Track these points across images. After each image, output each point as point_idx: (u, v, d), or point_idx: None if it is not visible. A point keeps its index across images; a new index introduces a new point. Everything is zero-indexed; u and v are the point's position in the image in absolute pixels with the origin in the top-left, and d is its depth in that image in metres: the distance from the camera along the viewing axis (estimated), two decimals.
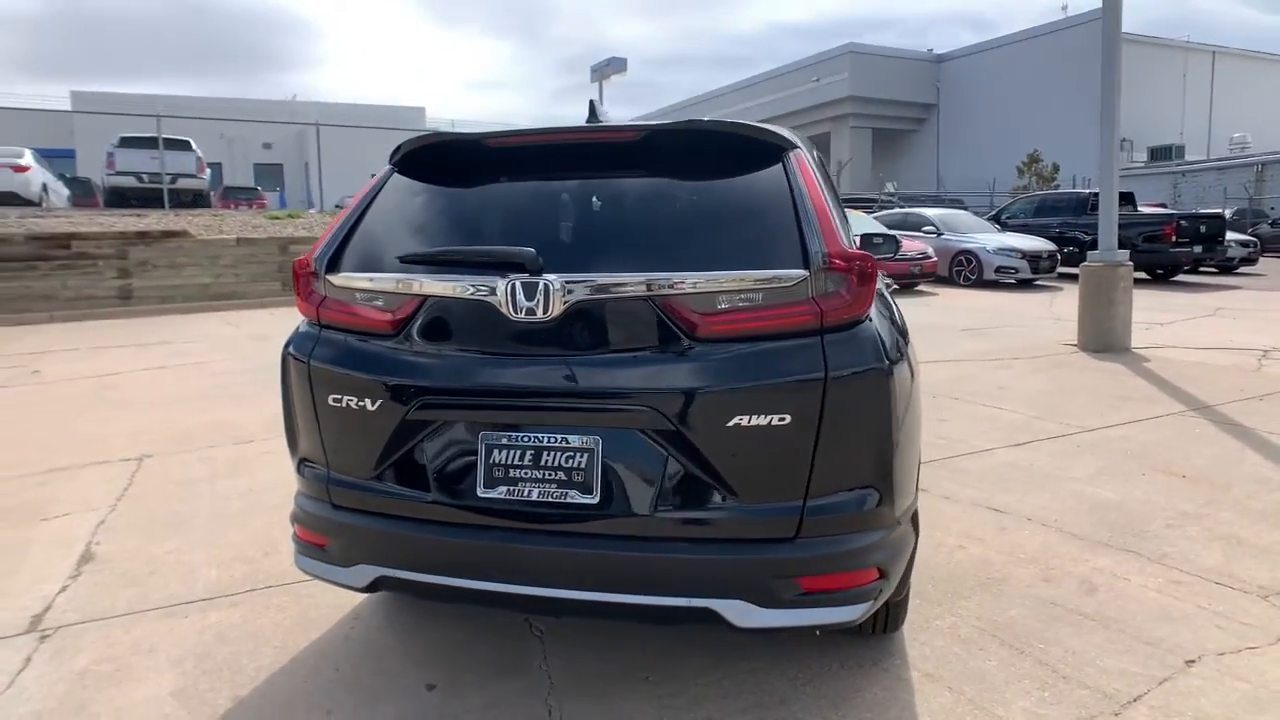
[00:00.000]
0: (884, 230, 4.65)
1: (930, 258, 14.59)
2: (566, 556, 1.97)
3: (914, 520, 2.27)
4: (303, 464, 2.29)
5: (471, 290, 1.99)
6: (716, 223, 2.04)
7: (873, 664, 2.52)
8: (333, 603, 2.88)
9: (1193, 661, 2.53)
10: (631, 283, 1.92)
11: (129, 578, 3.13)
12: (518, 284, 1.94)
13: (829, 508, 1.96)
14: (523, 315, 1.95)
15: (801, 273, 1.92)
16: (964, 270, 15.63)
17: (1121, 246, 8.43)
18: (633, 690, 2.38)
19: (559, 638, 2.67)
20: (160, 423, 5.63)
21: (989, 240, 15.65)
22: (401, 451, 2.09)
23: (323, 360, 2.17)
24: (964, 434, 5.16)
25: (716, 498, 1.94)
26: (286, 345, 2.27)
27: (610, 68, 30.54)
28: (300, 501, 2.28)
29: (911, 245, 14.74)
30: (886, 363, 1.98)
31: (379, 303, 2.11)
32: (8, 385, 7.10)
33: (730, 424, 1.89)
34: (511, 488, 2.00)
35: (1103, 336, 8.17)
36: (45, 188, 16.43)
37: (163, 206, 15.50)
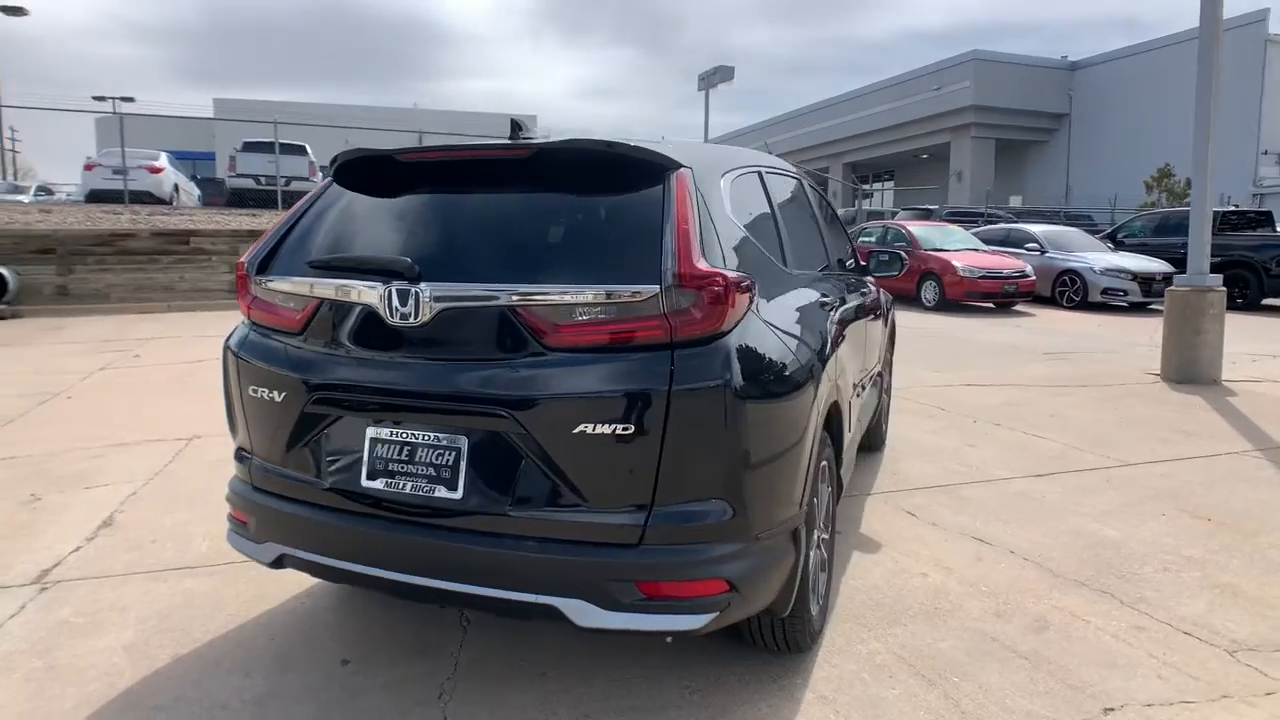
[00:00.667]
0: (891, 249, 4.57)
1: (1027, 276, 13.92)
2: (432, 548, 2.11)
3: (794, 537, 2.28)
4: (239, 449, 2.53)
5: (357, 294, 2.17)
6: (587, 238, 2.13)
7: (771, 680, 2.53)
8: (293, 580, 3.11)
9: (1112, 710, 2.42)
10: (494, 293, 2.05)
11: (133, 544, 3.49)
12: (394, 290, 2.10)
13: (674, 517, 2.01)
14: (398, 320, 2.11)
15: (653, 288, 1.98)
16: (1067, 291, 14.82)
17: (1251, 270, 7.80)
18: (527, 684, 2.49)
19: (484, 630, 2.81)
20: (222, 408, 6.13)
21: (1096, 260, 14.77)
22: (303, 440, 2.29)
23: (248, 355, 2.40)
24: (985, 461, 4.97)
25: (565, 501, 2.03)
26: (226, 340, 2.51)
27: (717, 76, 30.61)
28: (232, 483, 2.51)
29: (1007, 263, 14.11)
30: (738, 379, 2.02)
31: (290, 304, 2.32)
32: (109, 367, 7.90)
33: (578, 431, 1.98)
34: (390, 480, 2.16)
35: (1187, 367, 7.62)
36: (176, 188, 18.07)
37: (277, 207, 16.70)
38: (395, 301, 2.10)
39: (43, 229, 12.71)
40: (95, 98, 32.41)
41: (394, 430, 2.16)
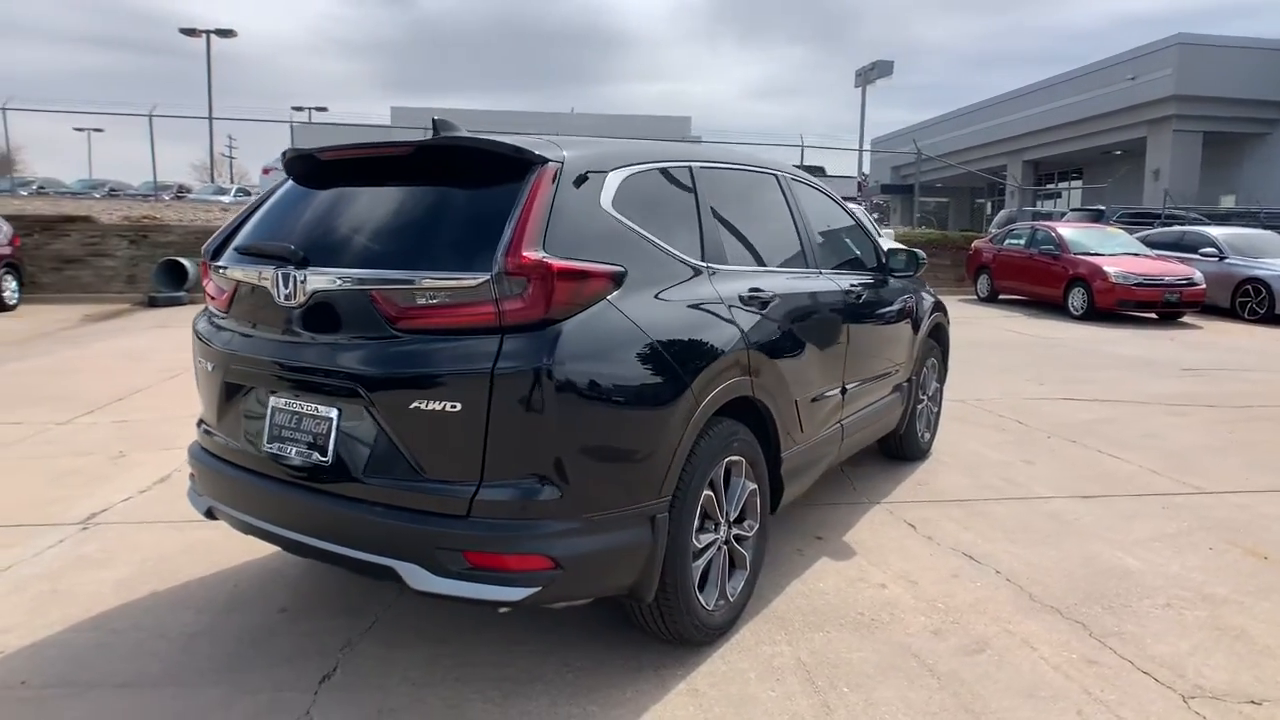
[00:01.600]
0: (909, 249, 4.34)
1: (1194, 285, 12.49)
2: (308, 508, 2.33)
3: (652, 524, 2.31)
4: (199, 416, 2.88)
5: (258, 278, 2.42)
6: (447, 228, 2.26)
7: (652, 669, 2.56)
8: None
9: None
10: (353, 279, 2.23)
11: (172, 498, 3.99)
12: (280, 275, 2.34)
13: (500, 492, 2.11)
14: (284, 301, 2.34)
15: (484, 276, 2.09)
16: (1250, 302, 13.16)
17: None
18: (423, 647, 2.67)
19: (414, 600, 2.97)
20: None
21: None
22: (228, 407, 2.58)
23: (198, 332, 2.73)
24: (1034, 478, 4.63)
25: (406, 472, 2.18)
26: (193, 320, 2.87)
27: (875, 72, 29.65)
28: (191, 444, 2.86)
29: (1171, 269, 12.75)
30: (561, 365, 2.09)
31: (222, 286, 2.62)
32: None
33: (415, 407, 2.12)
34: (283, 445, 2.40)
35: None
36: None
37: None
38: (281, 285, 2.33)
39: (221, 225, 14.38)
40: (294, 108, 36.03)
41: (288, 401, 2.40)
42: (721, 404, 2.59)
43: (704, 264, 2.74)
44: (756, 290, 2.90)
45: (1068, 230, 14.53)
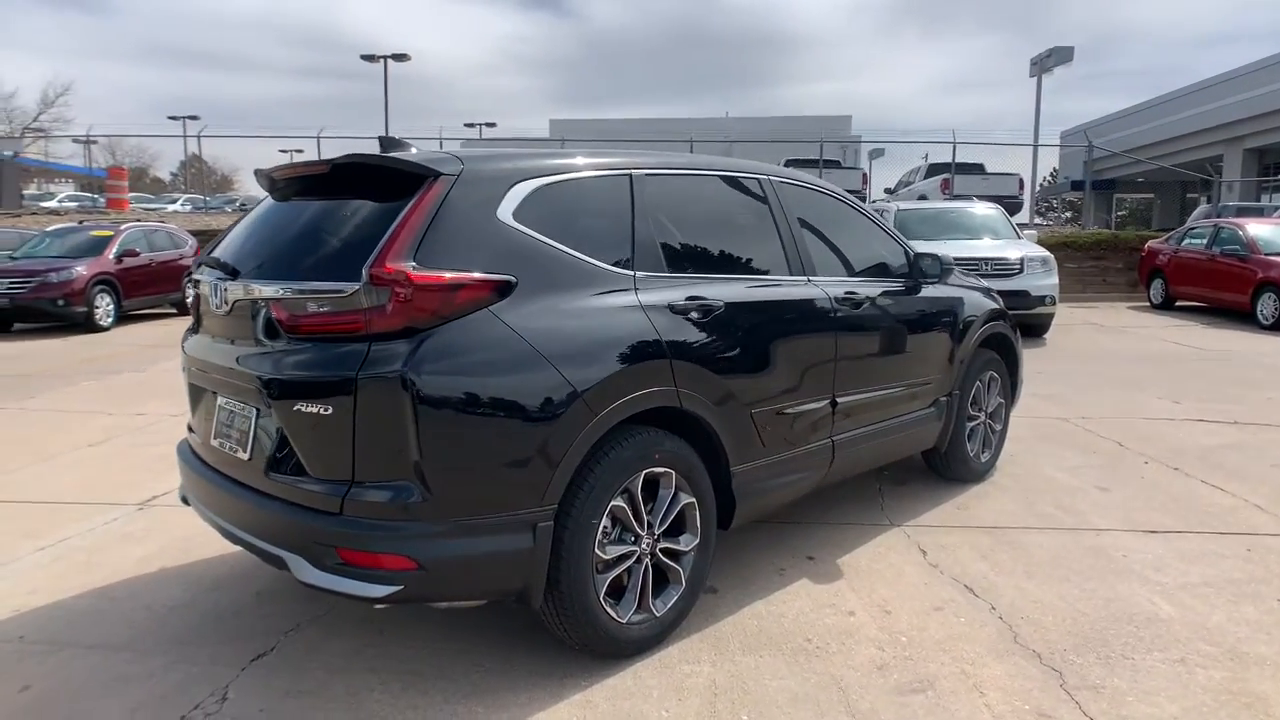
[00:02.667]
0: (937, 254, 4.00)
1: None
2: (233, 499, 2.53)
3: (534, 531, 2.32)
4: None
5: (205, 288, 2.66)
6: (343, 241, 2.37)
7: (555, 679, 2.56)
8: None
9: None
10: (256, 289, 2.40)
11: None
12: (212, 284, 2.56)
13: (369, 494, 2.20)
14: (216, 309, 2.56)
15: (355, 286, 2.19)
16: None
17: None
18: (358, 637, 2.81)
19: None
20: None
21: None
22: (197, 406, 2.85)
23: (182, 338, 3.03)
24: (1098, 507, 4.16)
25: (296, 469, 2.32)
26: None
27: (1053, 60, 27.39)
28: (179, 441, 3.17)
29: None
30: (423, 373, 2.14)
31: (192, 294, 2.89)
32: None
33: (298, 409, 2.26)
34: (223, 441, 2.62)
35: None
36: None
37: None
38: (213, 294, 2.56)
39: None
40: (466, 124, 38.32)
41: (227, 400, 2.62)
42: (632, 414, 2.55)
43: (631, 272, 2.70)
44: (697, 298, 2.82)
45: (1257, 227, 12.79)
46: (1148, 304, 14.74)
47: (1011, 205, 20.28)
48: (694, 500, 2.80)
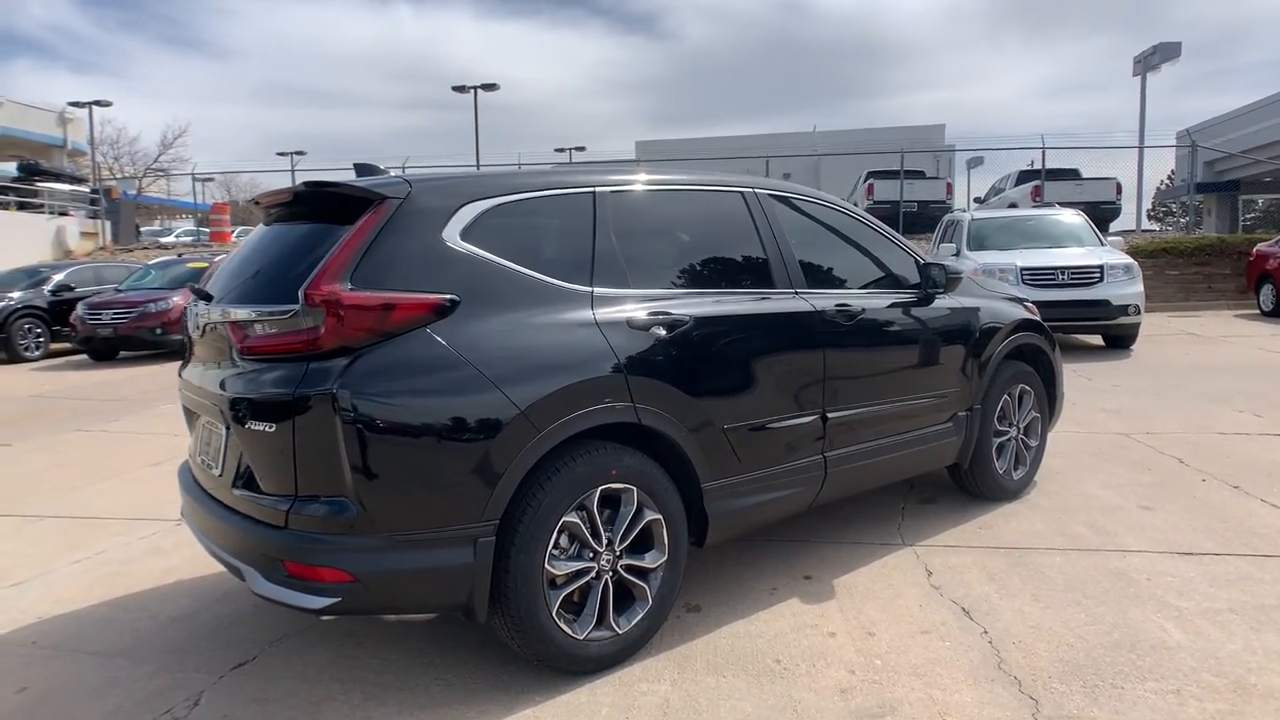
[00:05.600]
0: (944, 264, 3.83)
1: None
2: (208, 514, 2.67)
3: (475, 546, 2.35)
4: None
5: (192, 313, 2.84)
6: (294, 265, 2.48)
7: (514, 692, 2.58)
8: None
9: None
10: (219, 311, 2.55)
11: None
12: (191, 310, 2.72)
13: (310, 508, 2.29)
14: (194, 333, 2.72)
15: (294, 308, 2.30)
16: None
17: None
18: (335, 648, 2.91)
19: None
20: None
21: None
22: (190, 428, 3.03)
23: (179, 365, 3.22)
24: (1135, 528, 3.90)
25: (251, 484, 2.43)
26: None
27: (1158, 56, 26.04)
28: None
29: None
30: (355, 392, 2.22)
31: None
32: None
33: (248, 427, 2.38)
34: (204, 458, 2.78)
35: None
36: None
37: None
38: (191, 320, 2.72)
39: None
40: (556, 149, 39.20)
41: (206, 420, 2.78)
42: (582, 430, 2.56)
43: (589, 289, 2.72)
44: (661, 314, 2.82)
45: None
46: (1256, 311, 13.72)
47: (1108, 211, 19.27)
48: (660, 517, 2.78)
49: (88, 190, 23.11)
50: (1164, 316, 13.83)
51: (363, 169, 2.94)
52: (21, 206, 21.52)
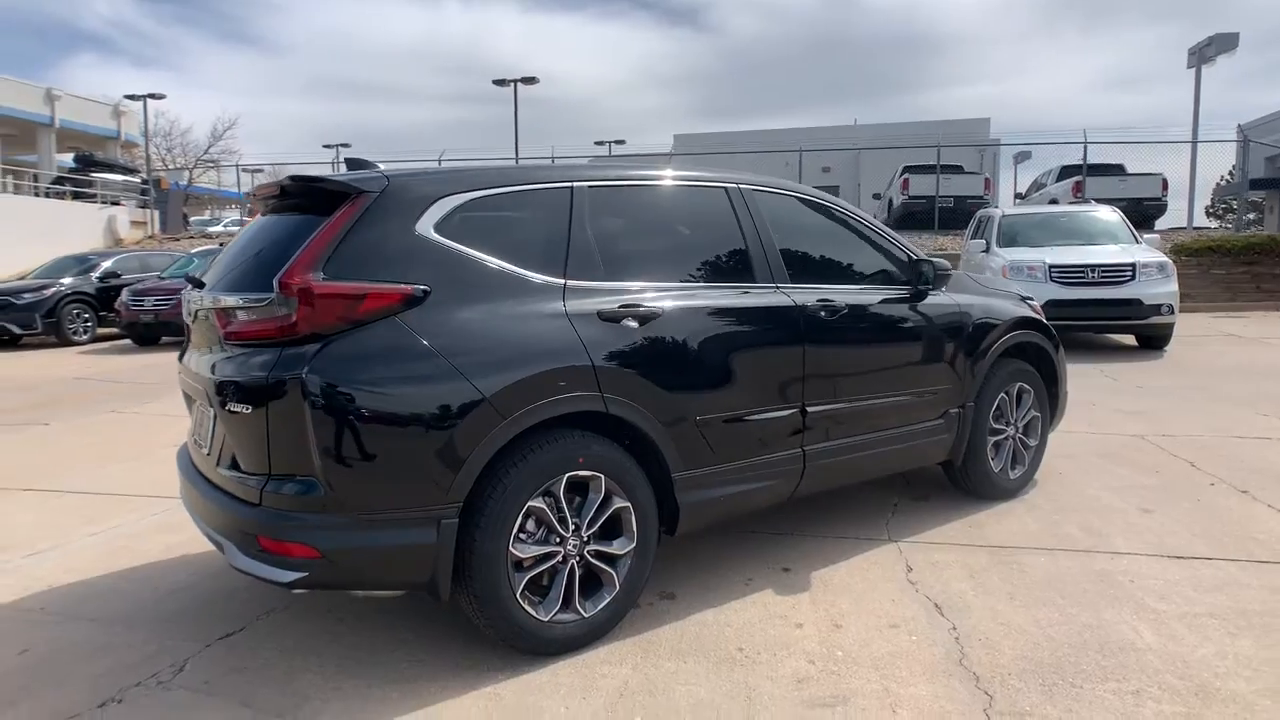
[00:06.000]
0: (933, 260, 3.81)
1: None
2: (198, 493, 2.80)
3: (438, 527, 2.44)
4: None
5: (187, 301, 2.97)
6: (274, 254, 2.58)
7: (478, 670, 2.67)
8: None
9: None
10: (208, 299, 2.67)
11: None
12: (186, 297, 2.85)
13: (281, 487, 2.40)
14: (190, 319, 2.86)
15: (269, 296, 2.41)
16: None
17: None
18: (319, 622, 3.03)
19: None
20: None
21: None
22: (189, 411, 3.17)
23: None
24: (1129, 530, 3.86)
25: (233, 463, 2.56)
26: None
27: (1213, 48, 25.11)
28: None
29: None
30: (323, 376, 2.32)
31: None
32: None
33: (230, 408, 2.50)
34: (198, 439, 2.92)
35: None
36: None
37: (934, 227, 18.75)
38: (185, 307, 2.85)
39: None
40: (596, 143, 39.31)
41: (200, 403, 2.91)
42: (549, 417, 2.63)
43: (563, 281, 2.79)
44: (632, 305, 2.88)
45: None
46: None
47: (1152, 208, 18.78)
48: (629, 505, 2.85)
49: (139, 181, 23.93)
50: (1206, 318, 13.44)
51: (354, 163, 3.04)
52: (76, 196, 22.34)
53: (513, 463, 2.58)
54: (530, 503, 2.62)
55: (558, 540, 2.72)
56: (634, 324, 2.86)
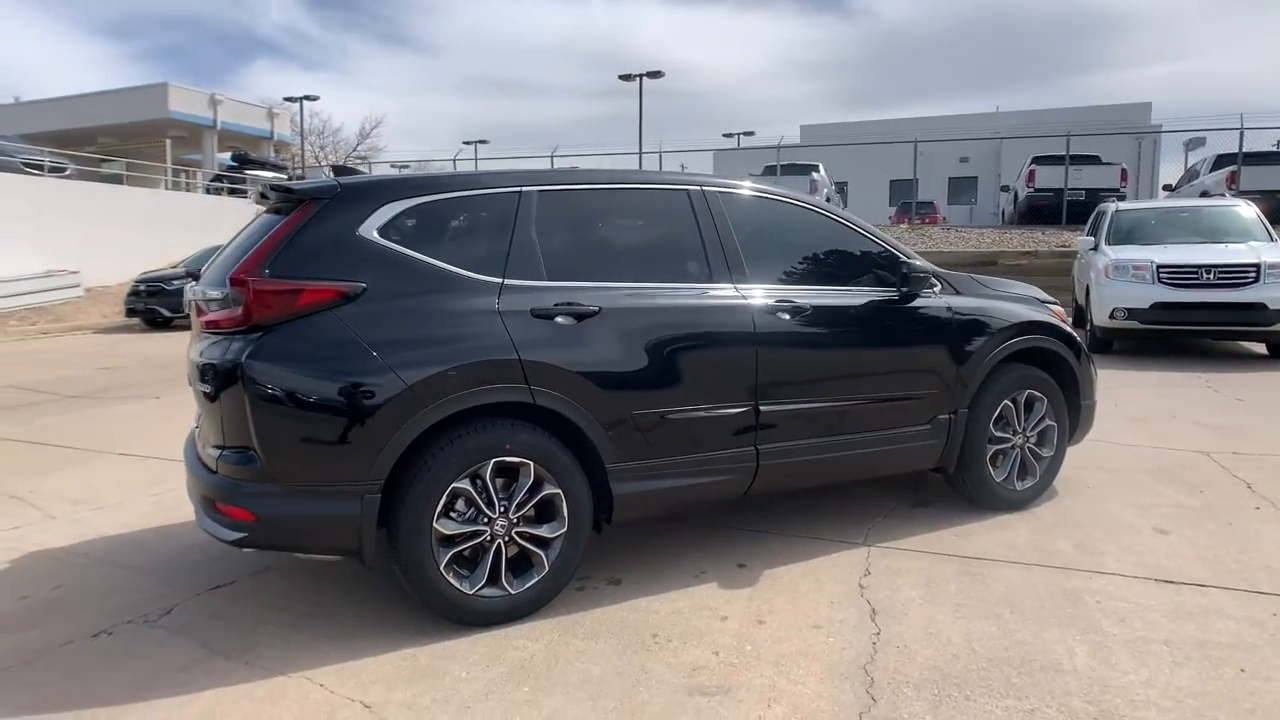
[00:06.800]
0: (915, 263, 3.68)
1: None
2: (188, 468, 3.19)
3: (361, 500, 2.71)
4: None
5: (187, 292, 3.38)
6: (243, 252, 2.91)
7: (409, 634, 2.92)
8: None
9: None
10: (193, 292, 3.05)
11: None
12: (189, 286, 3.26)
13: (228, 456, 2.74)
14: (189, 310, 3.26)
15: (225, 290, 2.75)
16: None
17: None
18: (299, 583, 3.39)
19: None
20: None
21: None
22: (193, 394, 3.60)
23: None
24: (1127, 551, 3.66)
25: (205, 435, 2.93)
26: None
27: None
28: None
29: None
30: (257, 361, 2.64)
31: None
32: None
33: (200, 388, 2.87)
34: (197, 421, 3.33)
35: None
36: None
37: (1061, 221, 18.26)
38: (185, 298, 3.26)
39: None
40: (724, 134, 39.24)
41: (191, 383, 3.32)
42: (473, 406, 2.84)
43: (500, 280, 2.99)
44: (569, 304, 3.03)
45: None
46: None
47: None
48: (560, 491, 3.02)
49: (285, 178, 26.15)
50: None
51: (339, 170, 3.37)
52: (231, 192, 24.64)
53: (439, 446, 2.81)
54: (456, 484, 2.85)
55: (485, 521, 2.93)
56: (567, 321, 3.02)
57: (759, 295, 3.42)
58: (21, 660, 2.79)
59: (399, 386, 2.74)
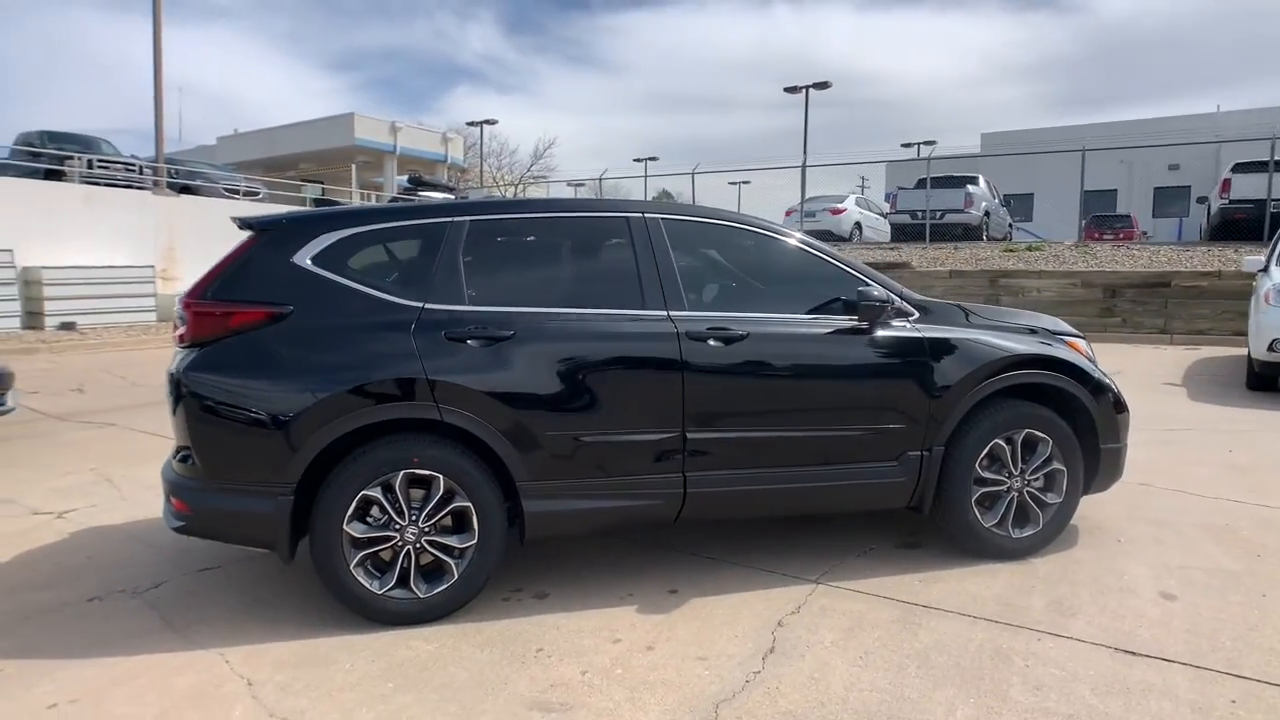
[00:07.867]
0: (875, 292, 3.45)
1: None
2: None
3: (275, 501, 3.03)
4: None
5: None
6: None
7: (328, 628, 3.20)
8: None
9: None
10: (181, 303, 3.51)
11: None
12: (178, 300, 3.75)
13: (180, 457, 3.16)
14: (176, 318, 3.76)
15: (179, 309, 3.17)
16: None
17: None
18: (269, 569, 3.78)
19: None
20: None
21: None
22: None
23: None
24: (1120, 615, 3.31)
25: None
26: None
27: None
28: None
29: None
30: (191, 372, 3.03)
31: None
32: None
33: (168, 394, 3.32)
34: None
35: None
36: (859, 226, 20.65)
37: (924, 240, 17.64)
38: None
39: None
40: (903, 145, 37.79)
41: None
42: (382, 420, 3.09)
43: (420, 304, 3.22)
44: (482, 327, 3.20)
45: None
46: None
47: None
48: (470, 505, 3.19)
49: (455, 198, 28.20)
50: None
51: (319, 202, 3.79)
52: None
53: (353, 456, 3.08)
54: (367, 491, 3.10)
55: (396, 528, 3.15)
56: (480, 344, 3.19)
57: (690, 322, 3.42)
58: (21, 616, 3.34)
59: (309, 400, 3.03)
